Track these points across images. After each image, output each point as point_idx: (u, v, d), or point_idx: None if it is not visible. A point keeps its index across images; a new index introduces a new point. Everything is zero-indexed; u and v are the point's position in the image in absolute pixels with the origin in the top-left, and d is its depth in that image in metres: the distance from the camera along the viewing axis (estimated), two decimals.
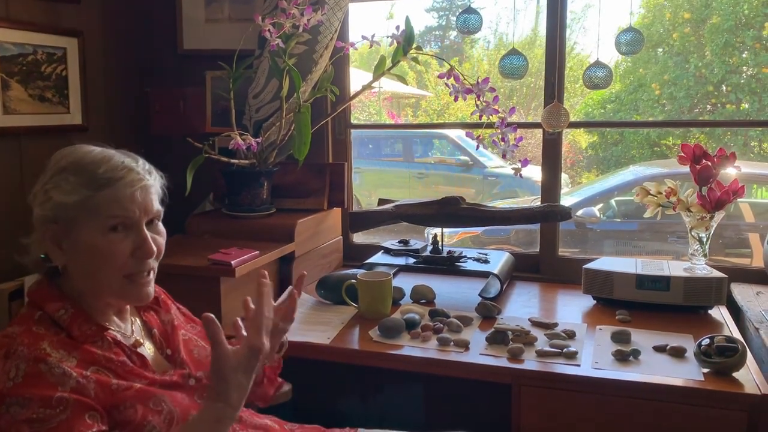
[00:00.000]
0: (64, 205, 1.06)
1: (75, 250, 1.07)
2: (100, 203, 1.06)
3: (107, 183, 1.07)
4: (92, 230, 1.06)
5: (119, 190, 1.07)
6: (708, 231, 1.85)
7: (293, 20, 1.88)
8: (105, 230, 1.06)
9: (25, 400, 0.94)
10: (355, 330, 1.72)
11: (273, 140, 2.09)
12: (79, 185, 1.06)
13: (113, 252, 1.07)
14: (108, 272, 1.08)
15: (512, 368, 1.48)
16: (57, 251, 1.08)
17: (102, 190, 1.06)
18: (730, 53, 7.34)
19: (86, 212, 1.06)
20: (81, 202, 1.05)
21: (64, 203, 1.06)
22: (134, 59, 2.44)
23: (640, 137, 7.77)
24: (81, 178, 1.07)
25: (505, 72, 2.04)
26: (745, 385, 1.36)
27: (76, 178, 1.07)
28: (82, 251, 1.07)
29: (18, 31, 1.94)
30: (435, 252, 2.10)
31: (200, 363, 1.22)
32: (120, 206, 1.07)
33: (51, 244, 1.08)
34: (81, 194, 1.06)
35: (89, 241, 1.06)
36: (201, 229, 2.08)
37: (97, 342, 1.07)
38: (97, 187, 1.06)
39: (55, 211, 1.06)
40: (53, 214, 1.07)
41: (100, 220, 1.06)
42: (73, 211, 1.06)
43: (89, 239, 1.06)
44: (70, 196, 1.06)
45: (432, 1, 10.96)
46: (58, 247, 1.08)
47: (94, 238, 1.06)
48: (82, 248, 1.07)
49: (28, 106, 1.99)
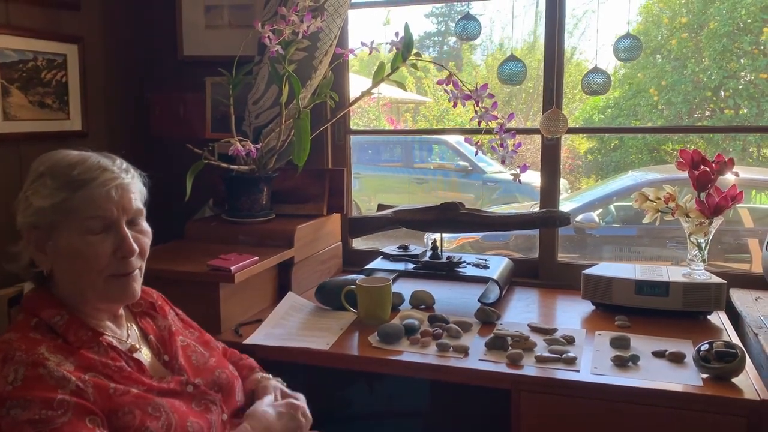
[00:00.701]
0: (43, 210, 1.07)
1: (57, 254, 1.08)
2: (76, 205, 1.06)
3: (82, 184, 1.07)
4: (71, 233, 1.07)
5: (94, 190, 1.07)
6: (707, 236, 1.85)
7: (293, 27, 1.89)
8: (83, 232, 1.07)
9: (26, 402, 0.94)
10: (355, 336, 1.72)
11: (272, 146, 2.09)
12: (55, 189, 1.07)
13: (93, 253, 1.07)
14: (90, 274, 1.08)
15: (511, 374, 1.48)
16: (42, 256, 1.09)
17: (77, 191, 1.07)
18: (728, 59, 7.36)
19: (64, 215, 1.06)
20: (58, 205, 1.06)
21: (42, 208, 1.07)
22: (134, 65, 2.45)
23: (638, 142, 7.78)
24: (57, 182, 1.08)
25: (503, 78, 2.05)
26: (744, 390, 1.36)
27: (53, 182, 1.08)
28: (64, 255, 1.08)
29: (18, 37, 1.95)
30: (434, 257, 2.10)
31: (199, 369, 1.22)
32: (96, 206, 1.07)
33: (35, 250, 1.09)
34: (57, 197, 1.07)
35: (69, 244, 1.07)
36: (200, 235, 2.08)
37: (93, 347, 1.07)
38: (72, 189, 1.07)
39: (35, 217, 1.08)
40: (34, 220, 1.08)
41: (78, 222, 1.07)
42: (51, 215, 1.07)
43: (69, 242, 1.07)
44: (47, 200, 1.07)
45: (431, 7, 10.98)
46: (42, 252, 1.09)
47: (74, 241, 1.07)
48: (63, 252, 1.07)
49: (28, 113, 2.00)
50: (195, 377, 1.19)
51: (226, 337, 1.69)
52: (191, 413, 1.11)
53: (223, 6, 2.36)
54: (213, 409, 1.15)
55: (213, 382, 1.21)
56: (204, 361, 1.25)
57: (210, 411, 1.15)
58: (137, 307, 1.25)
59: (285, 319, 1.82)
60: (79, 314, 1.10)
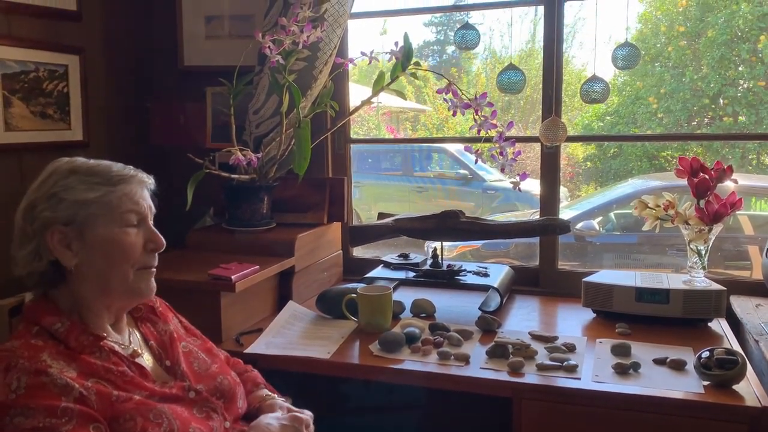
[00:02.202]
0: (84, 202, 1.11)
1: (90, 249, 1.11)
2: (117, 199, 1.13)
3: (122, 180, 1.15)
4: (110, 226, 1.12)
5: (133, 186, 1.16)
6: (706, 244, 1.86)
7: (293, 37, 1.90)
8: (123, 224, 1.13)
9: (30, 411, 0.95)
10: (356, 344, 1.72)
11: (273, 155, 2.10)
12: (95, 183, 1.13)
13: (132, 245, 1.14)
14: (124, 266, 1.13)
15: (512, 382, 1.48)
16: (67, 253, 1.11)
17: (117, 186, 1.14)
18: (726, 67, 7.39)
19: (105, 208, 1.12)
20: (100, 197, 1.12)
21: (83, 200, 1.11)
22: (135, 76, 2.46)
23: (638, 150, 7.80)
24: (96, 177, 1.14)
25: (502, 87, 2.06)
26: (745, 397, 1.36)
27: (90, 178, 1.13)
28: (99, 248, 1.11)
29: (20, 48, 1.96)
30: (435, 266, 2.10)
31: (201, 376, 1.22)
32: (133, 201, 1.15)
33: (60, 247, 1.10)
34: (100, 191, 1.12)
35: (108, 236, 1.12)
36: (201, 244, 2.08)
37: (95, 352, 1.08)
38: (113, 184, 1.13)
39: (73, 210, 1.10)
40: (69, 214, 1.10)
41: (118, 216, 1.13)
42: (92, 208, 1.11)
43: (108, 234, 1.12)
44: (89, 194, 1.11)
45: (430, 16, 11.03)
46: (68, 248, 1.11)
47: (113, 233, 1.12)
48: (100, 245, 1.11)
49: (29, 123, 2.01)
50: (197, 383, 1.19)
51: (227, 346, 1.69)
52: (193, 419, 1.11)
53: (224, 16, 2.38)
54: (214, 416, 1.16)
55: (215, 388, 1.21)
56: (206, 368, 1.25)
57: (212, 418, 1.15)
58: (138, 312, 1.26)
59: (286, 328, 1.82)
60: (80, 320, 1.11)
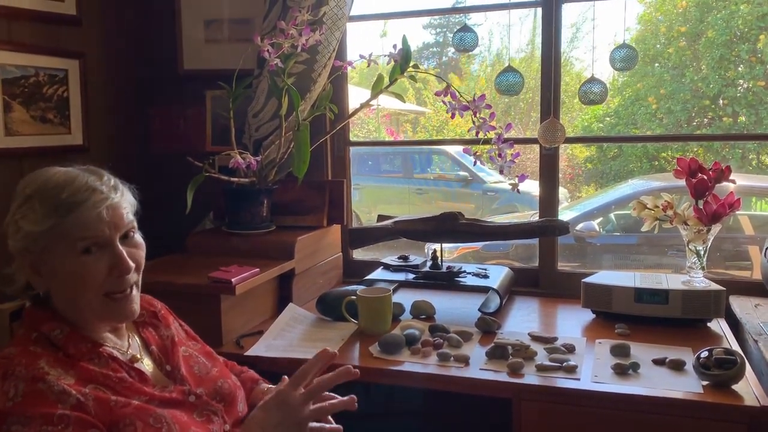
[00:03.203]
0: (33, 234, 1.06)
1: (53, 277, 1.08)
2: (67, 229, 1.05)
3: (72, 207, 1.05)
4: (65, 256, 1.06)
5: (84, 213, 1.06)
6: (705, 244, 1.86)
7: (292, 40, 1.91)
8: (77, 254, 1.06)
9: (27, 419, 0.94)
10: (356, 346, 1.72)
11: (272, 158, 2.10)
12: (43, 215, 1.05)
13: (89, 274, 1.07)
14: (87, 294, 1.08)
15: (512, 383, 1.48)
16: (37, 278, 1.09)
17: (68, 216, 1.05)
18: (726, 67, 7.39)
19: (56, 239, 1.05)
20: (49, 230, 1.05)
21: (32, 232, 1.05)
22: (135, 80, 2.47)
23: (638, 151, 7.80)
24: (45, 207, 1.06)
25: (501, 89, 2.06)
26: (744, 397, 1.37)
27: (41, 206, 1.06)
28: (59, 277, 1.07)
29: (20, 53, 1.97)
30: (434, 267, 2.11)
31: (201, 379, 1.22)
32: (88, 228, 1.06)
33: (31, 272, 1.09)
34: (47, 223, 1.05)
35: (63, 266, 1.06)
36: (201, 247, 2.09)
37: (94, 359, 1.08)
38: (62, 214, 1.05)
39: (26, 241, 1.07)
40: (25, 245, 1.07)
41: (71, 244, 1.05)
42: (43, 240, 1.05)
43: (63, 265, 1.06)
44: (37, 226, 1.05)
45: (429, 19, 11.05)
46: (38, 274, 1.09)
47: (68, 264, 1.06)
48: (59, 274, 1.07)
49: (29, 128, 2.01)
50: (197, 387, 1.19)
51: (227, 348, 1.70)
52: (193, 423, 1.11)
53: (223, 20, 2.38)
54: (215, 419, 1.16)
55: (215, 392, 1.21)
56: (206, 371, 1.25)
57: (212, 422, 1.15)
58: (139, 317, 1.25)
59: (286, 330, 1.82)
60: (79, 327, 1.11)
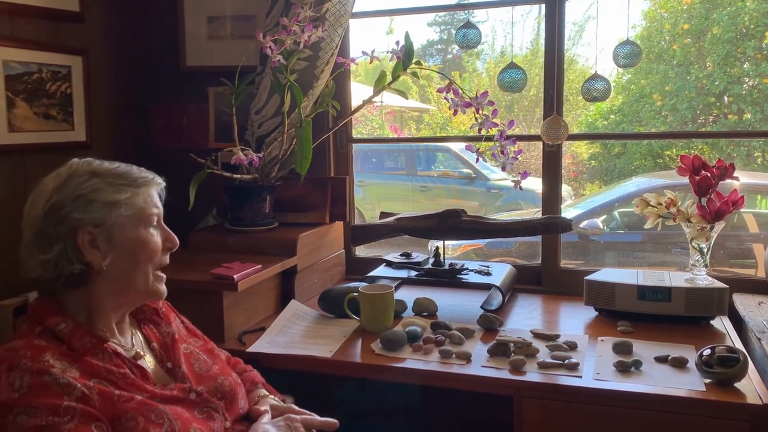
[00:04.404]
0: (115, 203, 1.12)
1: (118, 249, 1.13)
2: (142, 200, 1.16)
3: (144, 182, 1.18)
4: (137, 227, 1.15)
5: (152, 188, 1.19)
6: (708, 241, 1.85)
7: (294, 37, 1.90)
8: (146, 225, 1.16)
9: (33, 409, 0.95)
10: (357, 343, 1.73)
11: (275, 155, 2.10)
12: (121, 185, 1.15)
13: (156, 244, 1.18)
14: (147, 266, 1.17)
15: (514, 380, 1.48)
16: (97, 254, 1.12)
17: (142, 188, 1.17)
18: (732, 64, 7.36)
19: (133, 209, 1.14)
20: (128, 199, 1.14)
21: (114, 201, 1.12)
22: (137, 76, 2.47)
23: (642, 149, 7.78)
24: (120, 179, 1.16)
25: (503, 85, 2.06)
26: (746, 395, 1.36)
27: (115, 180, 1.15)
28: (126, 248, 1.14)
29: (23, 50, 1.97)
30: (437, 265, 2.10)
31: (201, 377, 1.23)
32: (154, 203, 1.19)
33: (90, 248, 1.11)
34: (127, 192, 1.14)
35: (135, 236, 1.15)
36: (204, 244, 2.09)
37: (98, 354, 1.08)
38: (137, 185, 1.16)
39: (104, 211, 1.12)
40: (98, 216, 1.11)
41: (142, 216, 1.15)
42: (122, 209, 1.13)
43: (136, 235, 1.15)
44: (118, 195, 1.13)
45: (434, 16, 11.04)
46: (97, 249, 1.12)
47: (140, 234, 1.15)
48: (127, 245, 1.14)
49: (33, 124, 2.02)
50: (198, 384, 1.20)
51: (229, 345, 1.70)
52: (194, 420, 1.11)
53: (226, 17, 2.38)
54: (216, 416, 1.16)
55: (216, 389, 1.22)
56: (207, 369, 1.25)
57: (213, 418, 1.15)
58: (141, 314, 1.26)
59: (288, 327, 1.83)
60: (85, 322, 1.11)
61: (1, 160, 1.94)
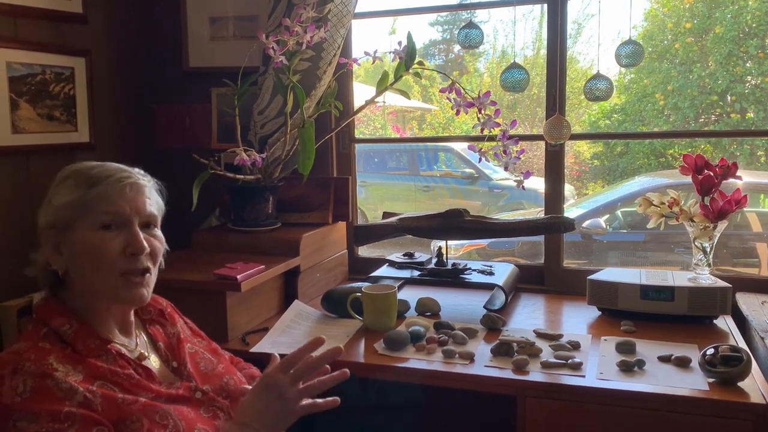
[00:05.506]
0: (62, 207, 1.11)
1: (73, 252, 1.11)
2: (92, 201, 1.10)
3: (98, 180, 1.12)
4: (86, 229, 1.10)
5: (109, 186, 1.12)
6: (711, 241, 1.85)
7: (297, 37, 1.91)
8: (97, 227, 1.11)
9: (34, 415, 0.95)
10: (361, 343, 1.73)
11: (278, 155, 2.11)
12: (74, 186, 1.12)
13: (106, 249, 1.10)
14: (103, 271, 1.10)
15: (517, 380, 1.48)
16: (57, 257, 1.12)
17: (93, 188, 1.11)
18: (734, 63, 7.35)
19: (80, 211, 1.10)
20: (75, 200, 1.11)
21: (61, 205, 1.11)
22: (140, 77, 2.47)
23: (645, 148, 7.77)
24: (76, 180, 1.13)
25: (506, 85, 2.06)
26: (750, 394, 1.36)
27: (75, 181, 1.13)
28: (79, 252, 1.11)
29: (26, 51, 1.98)
30: (440, 264, 2.11)
31: (207, 376, 1.23)
32: (110, 202, 1.11)
33: (52, 251, 1.12)
34: (75, 194, 1.11)
35: (83, 239, 1.10)
36: (207, 244, 2.09)
37: (102, 356, 1.08)
38: (89, 186, 1.11)
39: (55, 215, 1.11)
40: (53, 219, 1.11)
41: (93, 218, 1.10)
42: (69, 211, 1.10)
43: (83, 238, 1.10)
44: (65, 198, 1.11)
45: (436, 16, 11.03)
46: (58, 252, 1.12)
47: (88, 237, 1.10)
48: (78, 248, 1.10)
49: (36, 125, 2.02)
50: (203, 384, 1.20)
51: (233, 345, 1.70)
52: (199, 420, 1.11)
53: (228, 18, 2.39)
54: (221, 415, 1.16)
55: (221, 388, 1.22)
56: (212, 368, 1.26)
57: (218, 418, 1.15)
58: (146, 314, 1.27)
59: (291, 327, 1.83)
60: (88, 322, 1.12)
61: (5, 161, 1.95)
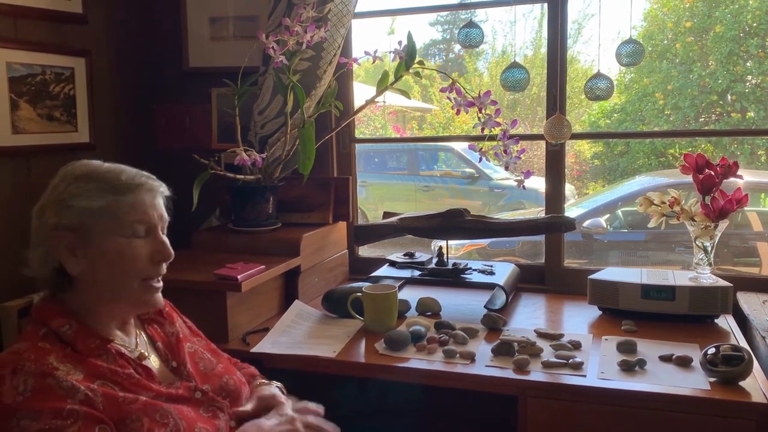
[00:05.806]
0: (89, 211, 1.09)
1: (95, 257, 1.10)
2: (123, 208, 1.11)
3: (130, 188, 1.12)
4: (116, 235, 1.10)
5: (141, 195, 1.13)
6: (712, 240, 1.85)
7: (297, 37, 1.91)
8: (129, 235, 1.11)
9: (36, 413, 0.95)
10: (361, 343, 1.73)
11: (278, 155, 2.11)
12: (102, 191, 1.11)
13: (137, 256, 1.12)
14: (129, 277, 1.12)
15: (518, 380, 1.48)
16: (72, 260, 1.10)
17: (125, 195, 1.12)
18: (735, 62, 7.35)
19: (110, 217, 1.10)
20: (106, 206, 1.10)
21: (89, 208, 1.09)
22: (141, 77, 2.47)
23: (646, 147, 7.77)
24: (103, 185, 1.12)
25: (506, 85, 2.05)
26: (751, 393, 1.36)
27: (98, 185, 1.12)
28: (104, 257, 1.10)
29: (26, 51, 1.97)
30: (440, 264, 2.10)
31: (206, 376, 1.23)
32: (142, 211, 1.13)
33: (66, 253, 1.10)
34: (105, 199, 1.10)
35: (113, 246, 1.10)
36: (207, 244, 2.09)
37: (102, 355, 1.08)
38: (120, 192, 1.12)
39: (79, 218, 1.09)
40: (75, 222, 1.09)
41: (124, 225, 1.11)
42: (97, 217, 1.10)
43: (113, 245, 1.10)
44: (95, 201, 1.10)
45: (436, 16, 11.04)
46: (74, 255, 1.10)
47: (119, 244, 1.11)
48: (105, 254, 1.10)
49: (36, 126, 2.02)
50: (203, 383, 1.20)
51: (233, 345, 1.70)
52: (199, 419, 1.11)
53: (228, 18, 2.38)
54: (221, 415, 1.16)
55: (221, 388, 1.22)
56: (212, 368, 1.26)
57: (218, 417, 1.15)
58: (145, 314, 1.26)
59: (292, 327, 1.83)
60: (88, 323, 1.11)
61: (5, 161, 1.95)
